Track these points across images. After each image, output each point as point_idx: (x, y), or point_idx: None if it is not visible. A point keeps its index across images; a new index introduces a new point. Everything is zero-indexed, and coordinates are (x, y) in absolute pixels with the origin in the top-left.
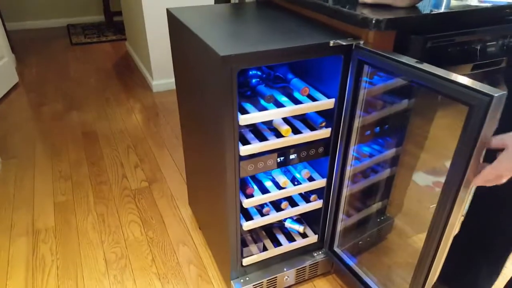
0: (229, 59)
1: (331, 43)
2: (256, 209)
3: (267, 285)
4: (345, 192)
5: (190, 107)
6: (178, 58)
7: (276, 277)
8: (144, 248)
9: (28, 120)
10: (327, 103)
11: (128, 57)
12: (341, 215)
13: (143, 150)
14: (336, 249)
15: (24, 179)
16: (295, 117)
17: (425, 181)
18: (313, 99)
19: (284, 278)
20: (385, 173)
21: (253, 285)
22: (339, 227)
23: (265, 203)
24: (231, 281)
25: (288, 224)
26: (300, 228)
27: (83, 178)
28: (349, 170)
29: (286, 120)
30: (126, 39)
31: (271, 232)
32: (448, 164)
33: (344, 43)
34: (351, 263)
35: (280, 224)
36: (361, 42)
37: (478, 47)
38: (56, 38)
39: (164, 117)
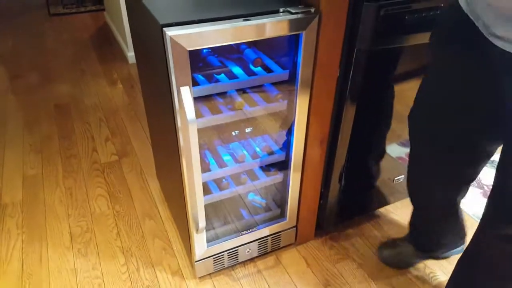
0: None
1: (281, 10)
2: (215, 183)
3: (228, 257)
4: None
5: (147, 79)
6: (134, 29)
7: (237, 249)
8: (110, 222)
9: (0, 93)
10: (279, 75)
11: (106, 28)
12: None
13: (115, 123)
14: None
15: None
16: (253, 89)
17: (397, 153)
18: (271, 71)
19: (246, 251)
20: None
21: (214, 259)
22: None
23: (224, 177)
24: (192, 254)
25: (251, 198)
26: (262, 202)
27: (54, 152)
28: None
29: (244, 91)
30: (105, 9)
31: (234, 205)
32: None
33: (293, 11)
34: None
35: (242, 198)
36: (312, 9)
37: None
38: (34, 9)
39: (138, 90)
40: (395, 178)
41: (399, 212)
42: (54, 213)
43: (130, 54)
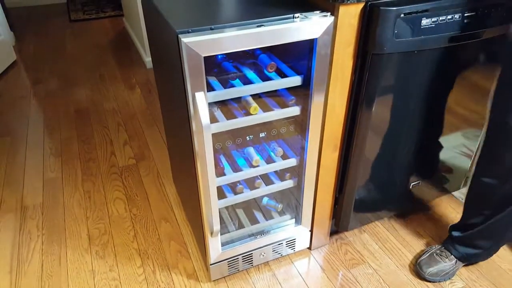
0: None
1: (296, 15)
2: (230, 187)
3: (242, 261)
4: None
5: (163, 84)
6: (151, 36)
7: (251, 253)
8: (127, 224)
9: (23, 98)
10: (293, 80)
11: (125, 33)
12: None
13: (133, 128)
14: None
15: (16, 156)
16: (267, 94)
17: (414, 157)
18: (286, 76)
19: (260, 255)
20: None
21: (228, 262)
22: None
23: (238, 182)
24: (207, 257)
25: (265, 202)
26: (277, 206)
27: (73, 155)
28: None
29: (258, 96)
30: (124, 15)
31: (248, 209)
32: (441, 139)
33: (309, 16)
34: None
35: (257, 202)
36: (328, 14)
37: (455, 18)
38: (56, 15)
39: (156, 95)
40: (412, 183)
41: (416, 217)
42: (73, 215)
43: (148, 59)
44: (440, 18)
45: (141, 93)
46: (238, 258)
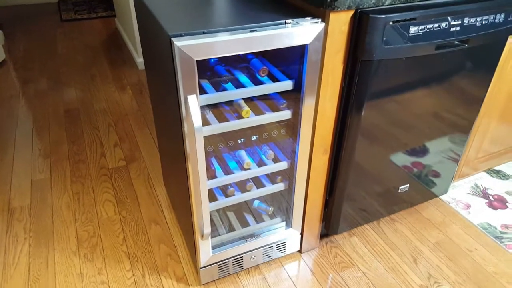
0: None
1: (288, 21)
2: (221, 189)
3: (233, 264)
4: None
5: (155, 86)
6: (143, 38)
7: (242, 256)
8: (117, 227)
9: (12, 98)
10: (285, 84)
11: (117, 34)
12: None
13: (123, 129)
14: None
15: (4, 157)
16: (259, 97)
17: (403, 162)
18: (277, 80)
19: (251, 258)
20: None
21: (219, 265)
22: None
23: (230, 184)
24: (197, 261)
25: (256, 205)
26: (268, 209)
27: (62, 157)
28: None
29: (250, 100)
30: (116, 16)
31: (239, 212)
32: (428, 144)
33: (300, 23)
34: None
35: (248, 205)
36: (318, 21)
37: (442, 26)
38: (47, 15)
39: (147, 95)
40: (400, 187)
41: (404, 221)
42: (62, 217)
43: (140, 60)
44: (428, 26)
45: (133, 94)
46: (228, 262)
